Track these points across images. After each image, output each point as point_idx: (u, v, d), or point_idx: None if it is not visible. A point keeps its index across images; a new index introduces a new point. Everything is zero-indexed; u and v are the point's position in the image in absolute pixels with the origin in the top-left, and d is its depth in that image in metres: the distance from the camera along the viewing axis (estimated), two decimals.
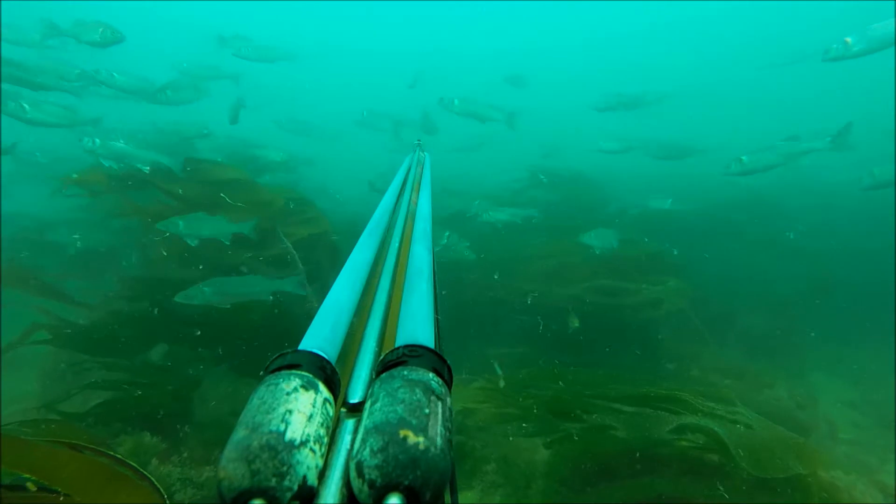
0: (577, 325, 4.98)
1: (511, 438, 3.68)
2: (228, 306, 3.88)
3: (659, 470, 3.14)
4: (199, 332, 4.16)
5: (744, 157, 5.87)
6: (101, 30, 5.65)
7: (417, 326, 0.56)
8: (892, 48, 4.96)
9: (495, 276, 5.83)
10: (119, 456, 2.02)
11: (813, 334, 6.01)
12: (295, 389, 0.42)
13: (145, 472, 1.95)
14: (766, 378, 5.21)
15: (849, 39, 4.96)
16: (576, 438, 3.38)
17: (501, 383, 3.96)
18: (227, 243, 4.36)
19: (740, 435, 3.03)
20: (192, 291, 3.75)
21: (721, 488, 2.92)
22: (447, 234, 5.99)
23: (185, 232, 4.18)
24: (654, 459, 3.19)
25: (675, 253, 6.53)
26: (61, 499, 1.73)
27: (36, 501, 1.74)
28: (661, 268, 6.01)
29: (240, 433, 0.38)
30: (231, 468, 0.36)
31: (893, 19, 4.87)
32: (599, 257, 5.80)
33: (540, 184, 8.65)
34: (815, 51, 5.42)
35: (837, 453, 4.26)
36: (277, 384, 0.42)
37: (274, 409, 0.40)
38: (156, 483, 1.91)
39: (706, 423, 3.12)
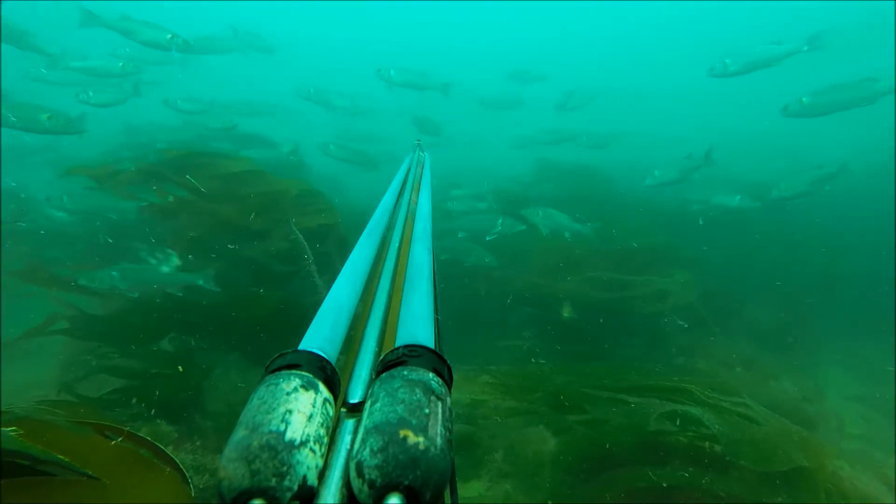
0: (568, 314, 4.98)
1: (518, 429, 3.70)
2: (136, 294, 3.89)
3: (664, 460, 3.15)
4: (210, 322, 4.21)
5: (656, 172, 6.64)
6: (168, 36, 5.98)
7: (417, 326, 0.56)
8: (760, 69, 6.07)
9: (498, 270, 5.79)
10: (148, 438, 2.00)
11: (821, 328, 5.96)
12: (295, 389, 0.42)
13: (169, 454, 1.94)
14: (774, 371, 5.17)
15: (727, 61, 6.13)
16: (582, 429, 3.39)
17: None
18: (117, 217, 4.40)
19: (745, 428, 3.02)
20: (99, 274, 3.79)
21: (704, 477, 2.92)
22: (500, 220, 5.91)
23: (70, 207, 4.24)
24: (659, 450, 3.20)
25: (705, 249, 6.56)
26: (86, 480, 1.73)
27: (63, 482, 1.74)
28: (669, 260, 5.97)
29: (240, 433, 0.38)
30: (231, 468, 0.36)
31: (765, 46, 6.05)
32: (604, 250, 5.76)
33: (548, 177, 8.62)
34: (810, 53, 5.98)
35: (843, 447, 4.23)
36: (277, 384, 0.42)
37: (274, 409, 0.40)
38: (180, 466, 1.91)
39: (712, 414, 3.11)
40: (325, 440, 0.41)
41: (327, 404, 0.44)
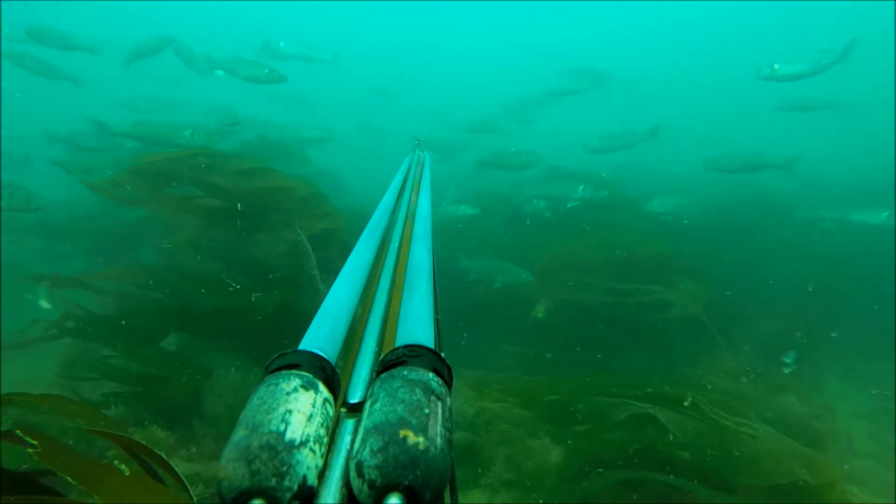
0: (540, 314, 4.94)
1: (522, 437, 3.67)
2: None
3: (665, 471, 3.12)
4: (210, 324, 4.22)
5: (537, 201, 7.08)
6: (266, 71, 6.65)
7: (417, 326, 0.56)
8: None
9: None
10: (163, 455, 1.95)
11: (833, 337, 5.88)
12: (295, 389, 0.42)
13: (175, 468, 1.90)
14: (780, 384, 5.11)
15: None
16: (584, 439, 3.38)
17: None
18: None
19: (749, 443, 2.99)
20: None
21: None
22: (581, 187, 5.95)
23: None
24: (662, 460, 3.17)
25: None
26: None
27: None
28: (674, 269, 5.93)
29: (240, 433, 0.38)
30: (231, 468, 0.36)
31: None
32: (610, 258, 5.74)
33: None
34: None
35: (851, 465, 4.15)
36: (277, 384, 0.42)
37: (274, 409, 0.40)
38: (186, 483, 1.87)
39: (716, 428, 3.09)
40: (325, 440, 0.41)
41: (327, 404, 0.44)
